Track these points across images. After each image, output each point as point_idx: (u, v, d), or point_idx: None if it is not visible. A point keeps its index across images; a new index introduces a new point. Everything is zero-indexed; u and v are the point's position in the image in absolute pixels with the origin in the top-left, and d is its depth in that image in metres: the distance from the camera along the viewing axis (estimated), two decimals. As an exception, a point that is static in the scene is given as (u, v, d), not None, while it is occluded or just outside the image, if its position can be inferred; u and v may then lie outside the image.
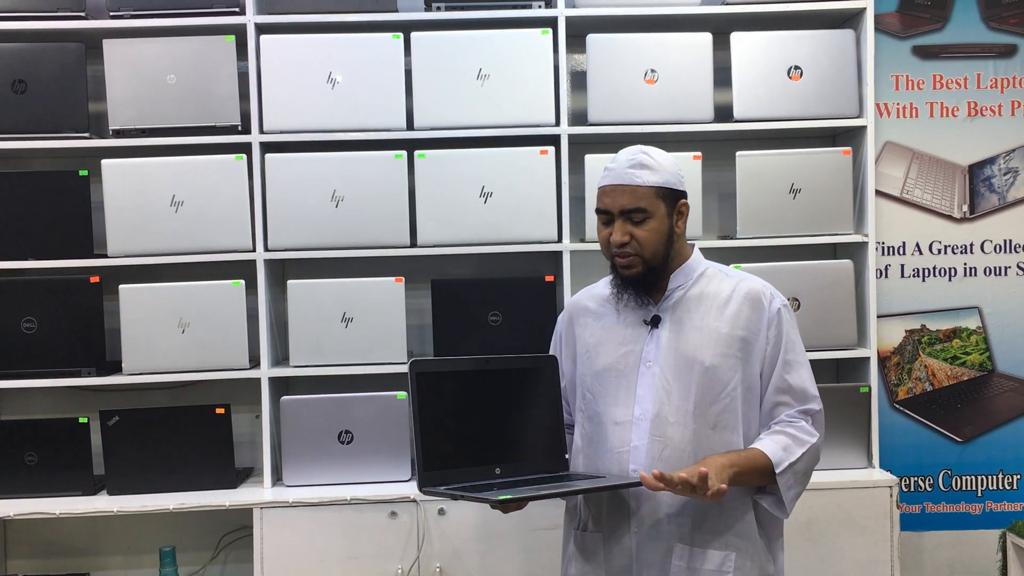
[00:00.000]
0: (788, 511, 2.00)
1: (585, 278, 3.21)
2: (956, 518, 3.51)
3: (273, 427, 3.14)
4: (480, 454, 2.04)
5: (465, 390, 2.07)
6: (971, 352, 3.51)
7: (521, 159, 3.12)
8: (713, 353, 1.99)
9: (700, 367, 1.99)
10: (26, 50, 3.09)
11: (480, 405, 2.08)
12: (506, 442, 2.09)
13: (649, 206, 1.99)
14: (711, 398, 1.99)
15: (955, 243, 3.51)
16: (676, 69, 3.13)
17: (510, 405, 2.11)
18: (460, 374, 2.08)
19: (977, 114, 3.50)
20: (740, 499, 1.99)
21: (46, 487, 3.04)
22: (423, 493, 1.95)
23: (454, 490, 1.90)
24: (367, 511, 2.93)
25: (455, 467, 2.00)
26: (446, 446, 2.00)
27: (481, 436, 2.06)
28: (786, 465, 1.94)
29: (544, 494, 1.91)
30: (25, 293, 3.06)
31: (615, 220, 2.01)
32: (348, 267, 3.20)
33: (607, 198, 2.02)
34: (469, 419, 2.06)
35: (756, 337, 2.02)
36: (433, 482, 1.95)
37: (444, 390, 2.04)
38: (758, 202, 3.16)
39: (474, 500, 1.87)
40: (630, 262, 2.01)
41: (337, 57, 3.10)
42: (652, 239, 2.00)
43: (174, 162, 3.09)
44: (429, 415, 1.98)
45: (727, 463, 1.88)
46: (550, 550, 2.92)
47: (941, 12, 3.49)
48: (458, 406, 2.06)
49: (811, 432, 2.01)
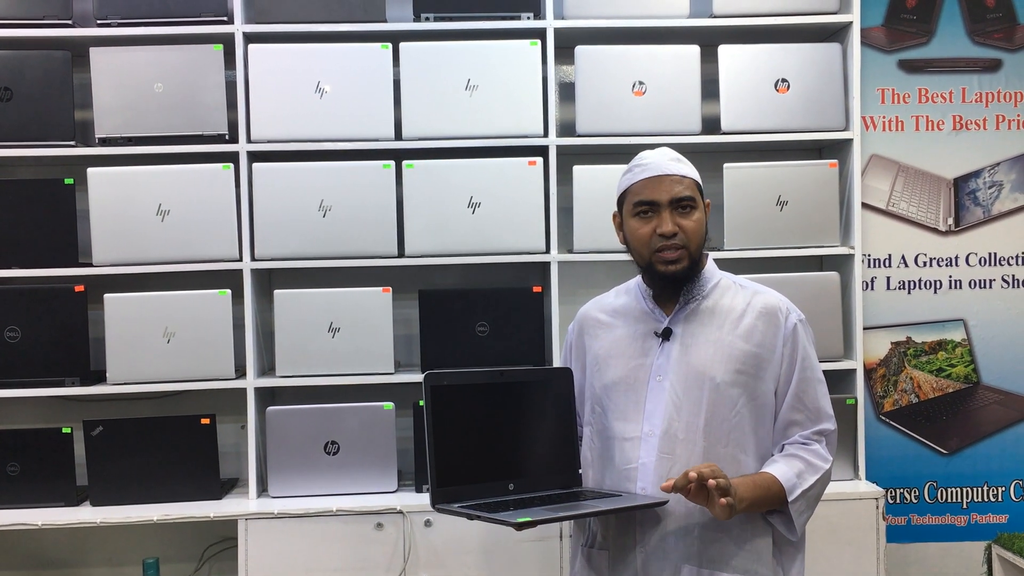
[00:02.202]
0: (798, 533, 1.95)
1: (573, 289, 3.24)
2: (942, 530, 3.52)
3: (259, 437, 3.12)
4: (493, 469, 1.97)
5: (479, 403, 1.99)
6: (956, 364, 3.53)
7: (509, 170, 3.12)
8: (725, 369, 1.93)
9: (711, 383, 1.93)
10: (12, 57, 3.08)
11: (494, 419, 2.00)
12: (519, 457, 2.02)
13: (695, 196, 1.96)
14: (722, 415, 1.93)
15: (940, 256, 3.53)
16: (664, 81, 3.14)
17: (524, 419, 2.05)
18: (474, 387, 2.00)
19: (962, 128, 3.52)
20: (752, 520, 1.93)
21: (29, 497, 3.01)
22: (436, 510, 1.87)
23: (470, 509, 1.83)
24: (353, 522, 2.92)
25: (468, 483, 1.92)
26: (459, 461, 1.93)
27: (494, 451, 1.99)
28: (799, 492, 1.89)
29: (563, 516, 1.86)
30: (9, 302, 3.03)
31: (661, 212, 1.94)
32: (335, 277, 3.19)
33: (649, 190, 1.94)
34: (483, 433, 1.99)
35: (771, 354, 1.96)
36: (447, 498, 1.88)
37: (458, 403, 1.96)
38: (745, 214, 3.17)
39: (492, 521, 1.80)
40: (679, 255, 1.93)
41: (325, 67, 3.09)
42: (698, 231, 1.95)
43: (161, 171, 3.08)
44: (443, 429, 1.91)
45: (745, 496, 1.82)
46: (539, 562, 2.92)
47: (927, 27, 3.52)
48: (472, 420, 1.98)
49: (825, 457, 1.96)
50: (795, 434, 1.97)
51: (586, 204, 3.12)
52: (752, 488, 1.86)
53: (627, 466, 1.96)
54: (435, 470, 1.89)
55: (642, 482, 1.94)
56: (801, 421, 1.97)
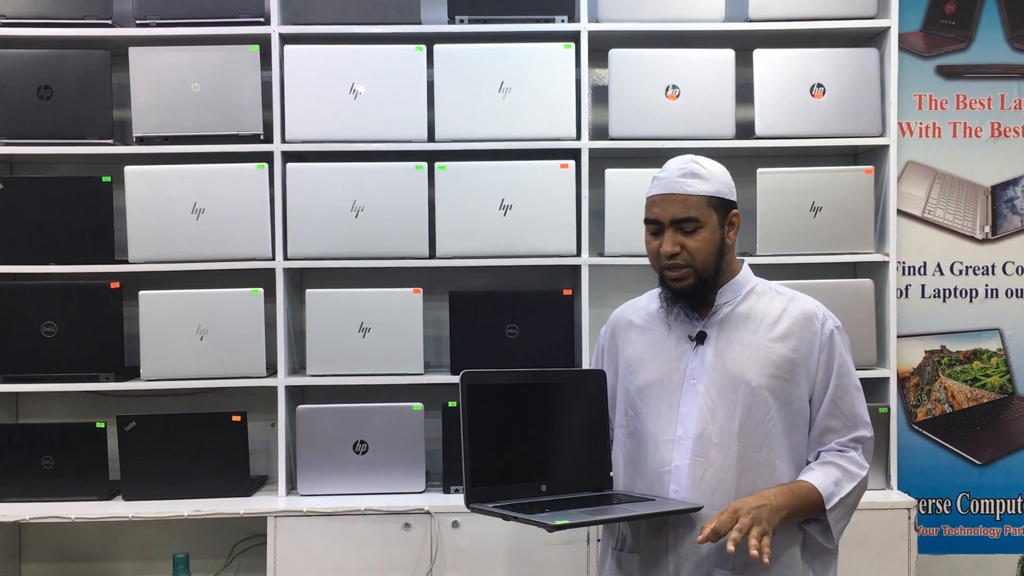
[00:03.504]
0: (836, 542, 1.95)
1: (603, 293, 3.23)
2: (974, 542, 3.48)
3: (288, 436, 3.14)
4: (526, 470, 1.96)
5: (514, 403, 1.98)
6: (991, 374, 3.48)
7: (541, 172, 3.12)
8: (760, 373, 1.93)
9: (746, 387, 1.92)
10: (52, 57, 3.12)
11: (528, 419, 1.99)
12: (552, 458, 2.01)
13: (700, 215, 1.93)
14: (757, 419, 1.92)
15: (977, 264, 3.49)
16: (698, 85, 3.13)
17: (557, 420, 2.04)
18: (509, 387, 1.99)
19: (1000, 135, 3.48)
20: (788, 528, 1.91)
21: (62, 491, 3.05)
22: (471, 510, 1.86)
23: (505, 509, 1.82)
24: (381, 522, 2.93)
25: (501, 483, 1.91)
26: (493, 461, 1.92)
27: (528, 451, 1.97)
28: (836, 500, 1.89)
29: (599, 520, 1.85)
30: (46, 297, 3.07)
31: (665, 231, 1.94)
32: (366, 277, 3.21)
33: (656, 208, 1.96)
34: (517, 434, 1.97)
35: (807, 360, 1.95)
36: (481, 498, 1.87)
37: (493, 403, 1.94)
38: (778, 220, 3.15)
39: (528, 523, 1.78)
40: (682, 274, 1.94)
41: (360, 68, 3.11)
42: (704, 249, 1.93)
43: (196, 170, 3.11)
44: (478, 428, 1.90)
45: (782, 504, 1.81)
46: (567, 565, 2.91)
47: (965, 32, 3.48)
48: (506, 420, 1.97)
49: (862, 464, 1.95)
50: (831, 441, 1.96)
51: (618, 207, 3.11)
52: (790, 496, 1.85)
53: (660, 469, 1.96)
54: (469, 469, 1.88)
55: (675, 485, 1.93)
56: (837, 428, 1.96)
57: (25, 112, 3.11)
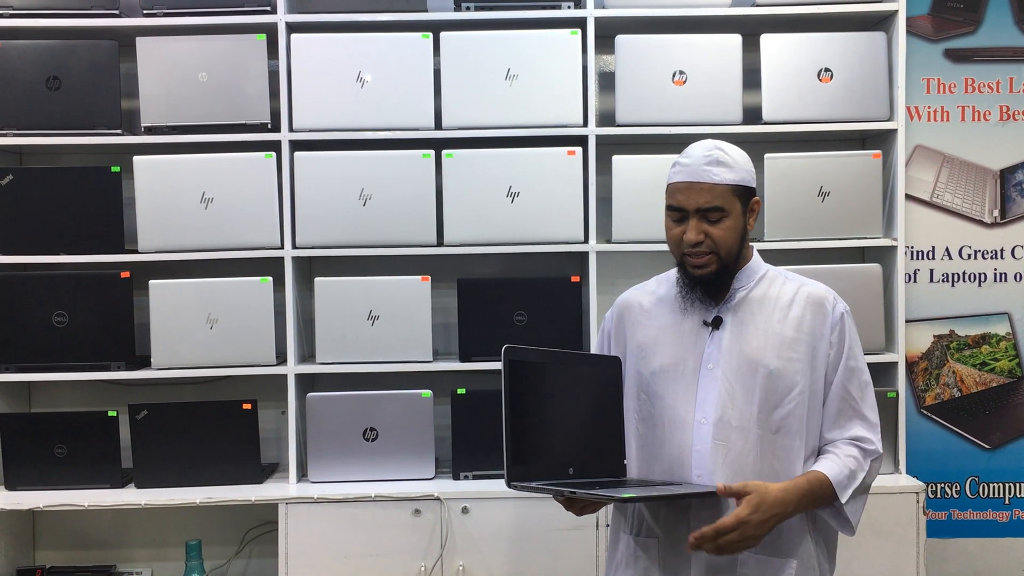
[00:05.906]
0: (855, 529, 1.96)
1: (611, 279, 3.23)
2: (983, 525, 3.48)
3: (299, 423, 3.16)
4: (558, 452, 1.94)
5: (547, 384, 1.95)
6: (1000, 358, 3.48)
7: (548, 159, 3.12)
8: (777, 356, 1.94)
9: (764, 370, 1.93)
10: (60, 47, 3.13)
11: (560, 401, 1.97)
12: (578, 442, 1.99)
13: (726, 204, 1.92)
14: (775, 402, 1.93)
15: (985, 248, 3.48)
16: (705, 70, 3.12)
17: (584, 404, 2.03)
18: (544, 366, 1.95)
19: (1009, 118, 3.46)
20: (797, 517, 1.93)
21: (75, 479, 3.07)
22: (512, 488, 1.82)
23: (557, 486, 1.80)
24: (391, 508, 2.95)
25: (536, 463, 1.88)
26: (529, 441, 1.89)
27: (560, 434, 1.95)
28: (850, 492, 1.90)
29: (662, 496, 1.84)
30: (57, 287, 3.09)
31: (689, 218, 1.93)
32: (375, 265, 3.22)
33: (681, 195, 1.94)
34: (550, 415, 1.94)
35: (820, 342, 1.96)
36: (523, 477, 1.83)
37: (530, 382, 1.91)
38: (786, 204, 3.14)
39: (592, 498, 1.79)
40: (705, 261, 1.94)
41: (366, 56, 3.11)
42: (728, 238, 1.93)
43: (205, 159, 3.12)
44: (519, 406, 1.87)
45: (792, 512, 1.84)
46: (574, 550, 2.93)
47: (974, 15, 3.46)
48: (541, 400, 1.93)
49: (874, 449, 1.96)
50: (842, 422, 1.98)
51: (625, 194, 3.11)
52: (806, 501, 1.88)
53: (680, 453, 1.96)
54: (511, 447, 1.84)
55: (697, 469, 1.94)
56: (847, 410, 1.98)
57: (34, 103, 3.13)
